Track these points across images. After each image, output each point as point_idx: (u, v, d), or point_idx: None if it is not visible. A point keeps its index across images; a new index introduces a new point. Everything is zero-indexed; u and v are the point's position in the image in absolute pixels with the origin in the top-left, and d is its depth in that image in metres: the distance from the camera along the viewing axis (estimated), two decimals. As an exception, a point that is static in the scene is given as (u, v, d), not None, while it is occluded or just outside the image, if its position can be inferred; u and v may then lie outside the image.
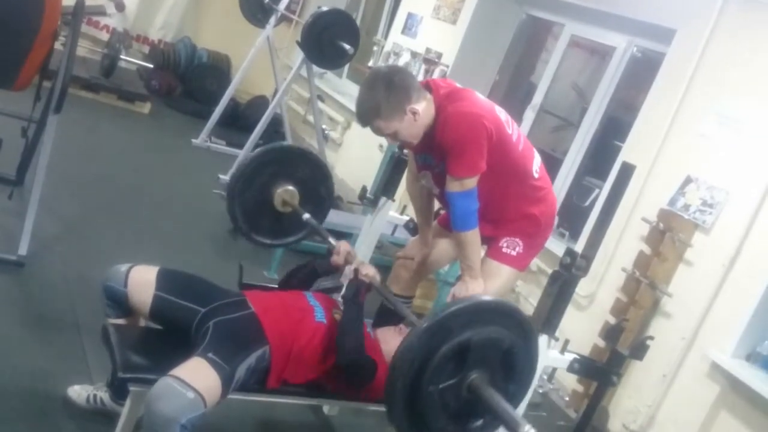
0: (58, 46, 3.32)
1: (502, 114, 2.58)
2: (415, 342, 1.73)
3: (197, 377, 2.02)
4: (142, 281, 2.37)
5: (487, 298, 1.98)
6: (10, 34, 3.12)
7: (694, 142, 3.84)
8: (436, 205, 2.96)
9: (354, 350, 2.30)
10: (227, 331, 2.25)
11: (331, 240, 2.69)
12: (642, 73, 4.70)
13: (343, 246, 2.62)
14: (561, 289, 2.14)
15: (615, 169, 4.27)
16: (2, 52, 3.16)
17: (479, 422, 1.88)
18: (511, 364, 1.87)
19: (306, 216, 2.82)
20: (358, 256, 2.67)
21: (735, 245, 3.50)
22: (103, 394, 2.56)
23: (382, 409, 2.75)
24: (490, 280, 2.65)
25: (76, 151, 5.07)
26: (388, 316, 2.91)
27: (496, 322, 1.82)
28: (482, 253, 2.70)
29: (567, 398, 4.06)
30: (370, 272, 2.46)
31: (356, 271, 2.47)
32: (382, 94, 2.42)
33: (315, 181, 2.95)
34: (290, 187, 2.86)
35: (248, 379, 2.21)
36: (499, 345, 1.82)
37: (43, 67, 3.29)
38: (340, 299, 2.51)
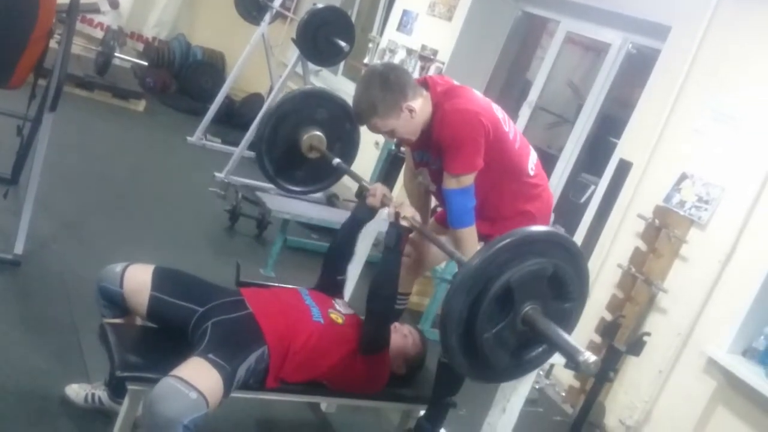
0: (52, 44, 3.31)
1: (498, 112, 2.58)
2: (454, 301, 1.76)
3: (199, 377, 2.02)
4: (138, 281, 2.36)
5: (511, 237, 1.90)
6: (4, 32, 3.11)
7: (690, 138, 3.85)
8: (434, 202, 2.96)
9: (388, 299, 2.35)
10: (226, 331, 2.25)
11: (365, 182, 2.67)
12: (637, 69, 4.71)
13: (379, 188, 2.58)
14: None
15: (610, 165, 4.28)
16: (-3, 51, 3.15)
17: (541, 348, 1.94)
18: (561, 284, 1.90)
19: (336, 161, 2.79)
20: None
21: (731, 241, 3.51)
22: (101, 393, 2.56)
23: (380, 405, 2.78)
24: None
25: (71, 150, 5.07)
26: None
27: (533, 253, 1.84)
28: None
29: (563, 394, 4.07)
30: (409, 213, 2.41)
31: (397, 214, 2.40)
32: (378, 93, 2.41)
33: (337, 119, 2.91)
34: (316, 132, 2.83)
35: (248, 378, 2.21)
36: (542, 274, 1.85)
37: (38, 66, 3.28)
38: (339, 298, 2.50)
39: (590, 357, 1.68)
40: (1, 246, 3.43)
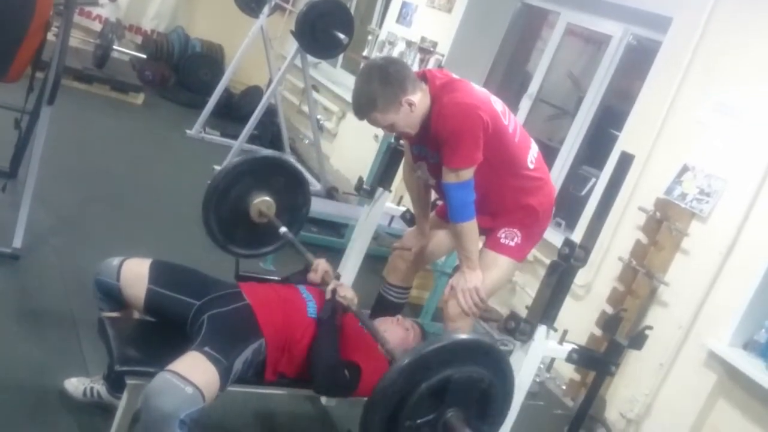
0: (50, 36, 3.29)
1: (498, 104, 2.56)
2: (396, 377, 1.72)
3: (195, 372, 2.01)
4: (135, 275, 2.36)
5: (466, 337, 1.95)
6: (2, 24, 3.09)
7: (691, 130, 3.84)
8: (434, 195, 2.95)
9: (328, 371, 2.27)
10: (223, 324, 2.24)
11: (309, 256, 2.65)
12: (638, 61, 4.69)
13: (321, 264, 2.55)
14: (559, 279, 2.12)
15: (612, 158, 4.27)
16: (-6, 44, 3.13)
17: None
18: (488, 403, 1.86)
19: (283, 229, 2.76)
20: (338, 274, 2.64)
21: (732, 234, 3.50)
22: (100, 387, 2.55)
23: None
24: (489, 271, 2.64)
25: (69, 143, 5.04)
26: (386, 307, 2.91)
27: (476, 362, 1.81)
28: (480, 244, 2.69)
29: (564, 387, 4.07)
30: (348, 294, 2.39)
31: (334, 291, 2.40)
32: (378, 87, 2.40)
33: (291, 189, 2.90)
34: (266, 198, 2.82)
35: (245, 371, 2.20)
36: (478, 384, 1.82)
37: (35, 58, 3.27)
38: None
39: None
40: (-1, 240, 3.42)
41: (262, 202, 2.81)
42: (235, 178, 2.79)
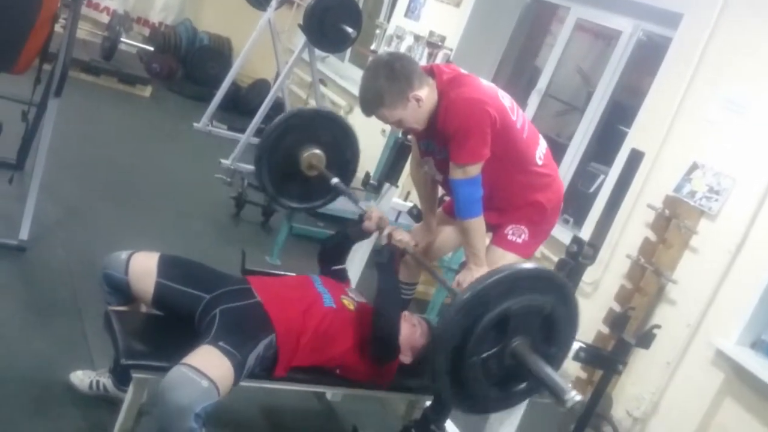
0: (58, 28, 3.29)
1: (506, 100, 2.54)
2: (456, 315, 1.76)
3: (210, 366, 2.02)
4: (143, 268, 2.36)
5: (525, 266, 1.99)
6: (10, 16, 3.09)
7: (701, 127, 3.81)
8: (441, 191, 2.93)
9: (393, 320, 2.36)
10: (235, 319, 2.24)
11: (362, 205, 2.67)
12: (648, 57, 4.66)
13: (375, 211, 2.63)
14: (568, 277, 2.11)
15: (621, 155, 4.24)
16: (2, 35, 3.12)
17: (523, 386, 1.95)
18: (552, 327, 1.91)
19: (335, 180, 2.81)
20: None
21: (741, 232, 3.47)
22: (106, 380, 2.55)
23: (385, 395, 2.77)
24: (496, 267, 2.62)
25: (76, 135, 5.04)
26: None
27: (535, 289, 1.85)
28: (487, 240, 2.68)
29: (570, 385, 4.04)
30: (404, 238, 2.48)
31: (390, 236, 2.47)
32: (385, 83, 2.38)
33: (341, 144, 2.92)
34: (317, 151, 2.83)
35: (256, 366, 2.20)
36: (539, 311, 1.86)
37: (43, 50, 3.26)
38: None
39: (576, 396, 1.72)
40: (6, 232, 3.41)
41: (313, 155, 2.84)
42: (286, 130, 2.81)
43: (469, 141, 2.41)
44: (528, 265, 2.02)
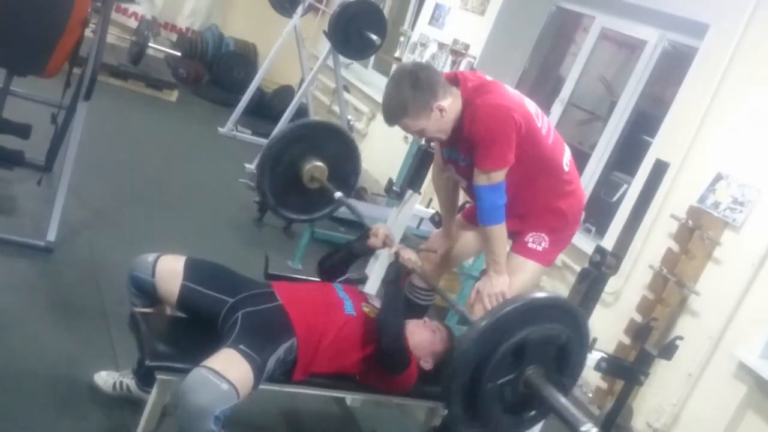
0: (87, 33, 3.34)
1: (531, 106, 2.54)
2: (474, 342, 1.78)
3: (231, 368, 2.04)
4: (170, 271, 2.38)
5: (540, 294, 2.02)
6: (40, 20, 3.15)
7: (726, 138, 3.79)
8: (462, 198, 2.93)
9: (396, 335, 2.35)
10: (257, 323, 2.26)
11: (367, 221, 2.69)
12: (673, 67, 4.64)
13: (381, 229, 2.64)
14: (590, 287, 2.12)
15: (644, 164, 4.22)
16: (33, 39, 3.18)
17: (533, 413, 1.96)
18: (566, 357, 1.92)
19: (338, 194, 2.82)
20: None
21: (765, 244, 3.44)
22: (129, 381, 2.58)
23: (405, 401, 2.78)
24: (516, 275, 2.62)
25: (104, 138, 5.11)
26: (412, 309, 2.91)
27: (552, 318, 1.86)
28: (507, 247, 2.68)
29: (590, 395, 4.04)
30: (412, 257, 2.49)
31: (397, 254, 2.49)
32: (409, 92, 2.38)
33: (342, 157, 2.94)
34: (319, 163, 2.86)
35: (275, 370, 2.22)
36: (556, 341, 1.88)
37: (73, 54, 3.32)
38: (369, 292, 2.52)
39: (593, 428, 1.71)
40: (34, 233, 3.47)
41: (315, 168, 2.85)
42: (290, 142, 2.84)
43: (495, 147, 2.41)
44: (543, 293, 2.07)
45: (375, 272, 3.14)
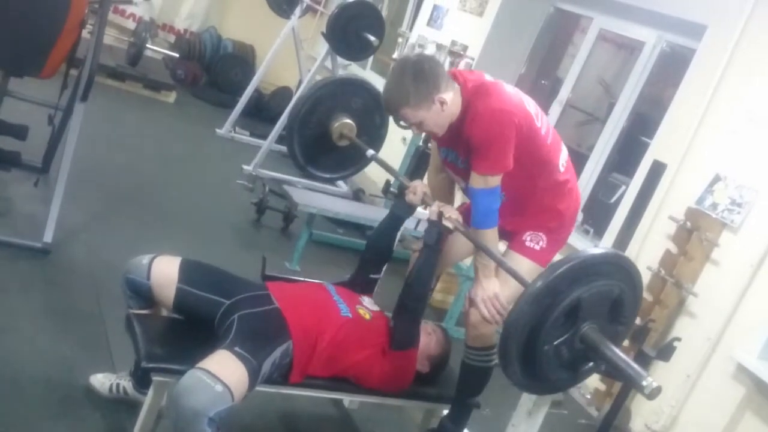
0: (85, 34, 3.34)
1: (531, 106, 2.53)
2: (526, 308, 1.80)
3: (225, 370, 2.03)
4: (165, 274, 2.37)
5: (594, 251, 2.06)
6: (37, 21, 3.14)
7: (724, 139, 3.78)
8: (458, 199, 2.92)
9: (422, 295, 2.42)
10: (252, 325, 2.25)
11: (404, 178, 2.66)
12: (671, 68, 4.64)
13: (420, 186, 2.59)
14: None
15: (642, 166, 4.21)
16: (30, 40, 3.18)
17: (589, 365, 1.98)
18: (619, 309, 1.94)
19: (370, 152, 2.80)
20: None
21: (764, 246, 3.44)
22: (126, 383, 2.57)
23: (402, 403, 2.77)
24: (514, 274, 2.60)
25: (101, 140, 5.11)
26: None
27: (603, 274, 1.89)
28: (501, 247, 2.66)
29: (589, 396, 4.03)
30: (453, 215, 2.44)
31: (440, 213, 2.43)
32: (412, 82, 2.37)
33: (369, 110, 2.91)
34: (348, 120, 2.83)
35: (272, 372, 2.21)
36: (608, 296, 1.90)
37: (70, 55, 3.31)
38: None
39: (653, 382, 1.72)
40: (30, 234, 3.46)
41: (344, 125, 2.82)
42: (316, 102, 2.82)
43: (493, 151, 2.39)
44: (597, 250, 2.12)
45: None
